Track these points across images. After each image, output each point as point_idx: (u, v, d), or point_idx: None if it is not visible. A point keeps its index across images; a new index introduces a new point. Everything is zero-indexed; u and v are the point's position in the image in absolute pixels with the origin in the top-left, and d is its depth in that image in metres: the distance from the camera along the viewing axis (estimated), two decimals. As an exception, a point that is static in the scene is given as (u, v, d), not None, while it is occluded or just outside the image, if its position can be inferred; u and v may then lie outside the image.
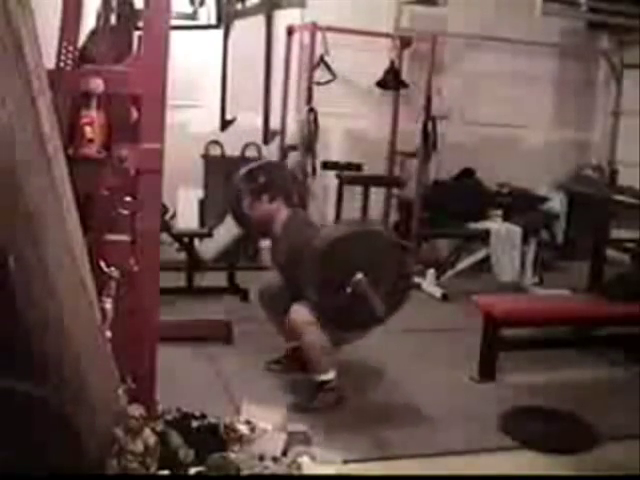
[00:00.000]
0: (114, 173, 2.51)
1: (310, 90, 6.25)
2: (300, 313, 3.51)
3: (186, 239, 5.27)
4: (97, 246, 2.46)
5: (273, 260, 3.95)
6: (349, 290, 3.39)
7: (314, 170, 6.31)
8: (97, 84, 2.45)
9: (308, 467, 2.79)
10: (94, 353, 2.25)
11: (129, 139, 2.55)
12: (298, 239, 3.64)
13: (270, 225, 3.81)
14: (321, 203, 6.75)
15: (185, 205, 6.43)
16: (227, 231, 5.42)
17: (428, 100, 6.52)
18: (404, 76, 6.70)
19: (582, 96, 7.85)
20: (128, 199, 2.55)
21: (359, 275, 3.38)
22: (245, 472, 2.63)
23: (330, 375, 3.59)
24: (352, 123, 6.95)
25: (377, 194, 6.90)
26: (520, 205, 6.78)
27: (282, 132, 6.66)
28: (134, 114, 2.60)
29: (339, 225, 3.61)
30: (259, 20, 6.38)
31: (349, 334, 3.68)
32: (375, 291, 3.37)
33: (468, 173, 7.18)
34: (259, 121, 6.60)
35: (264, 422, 2.93)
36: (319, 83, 6.32)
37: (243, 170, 3.94)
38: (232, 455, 2.71)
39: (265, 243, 3.88)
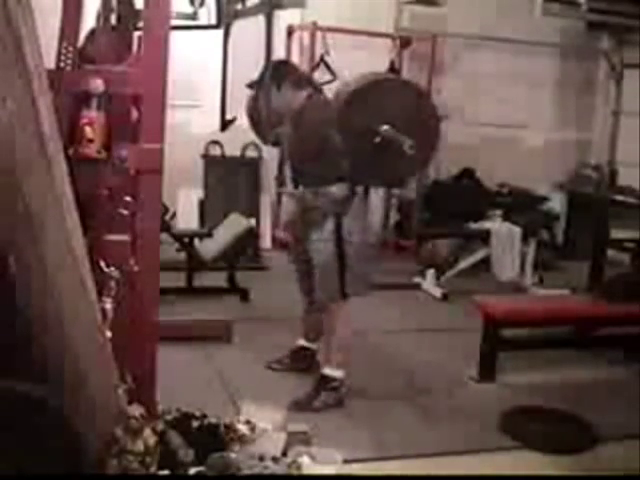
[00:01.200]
0: (114, 173, 2.51)
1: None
2: (346, 306, 3.59)
3: (186, 239, 5.27)
4: (97, 246, 2.45)
5: (285, 146, 3.87)
6: (378, 140, 3.36)
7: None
8: (97, 84, 2.44)
9: (308, 467, 2.79)
10: (94, 353, 2.25)
11: (129, 139, 2.55)
12: (318, 119, 3.59)
13: (290, 109, 3.72)
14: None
15: (185, 205, 6.44)
16: (227, 231, 5.43)
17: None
18: (404, 76, 6.70)
19: (582, 96, 7.86)
20: (128, 199, 2.55)
21: (385, 126, 3.35)
22: (245, 472, 2.63)
23: (337, 373, 3.60)
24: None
25: (377, 194, 6.89)
26: (520, 205, 6.79)
27: (282, 132, 6.66)
28: (134, 114, 2.60)
29: (362, 76, 3.55)
30: (259, 20, 6.38)
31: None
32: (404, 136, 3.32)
33: (468, 173, 7.19)
34: (259, 121, 6.60)
35: (264, 422, 2.93)
36: (320, 83, 6.31)
37: (265, 66, 3.96)
38: (232, 455, 2.71)
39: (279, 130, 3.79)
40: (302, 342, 3.99)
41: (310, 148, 3.60)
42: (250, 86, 3.84)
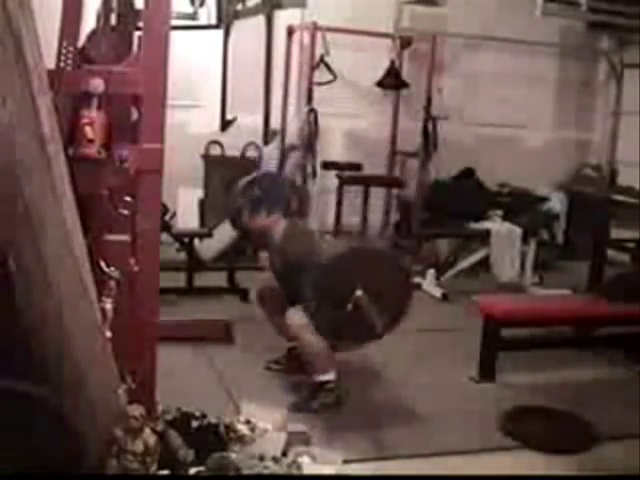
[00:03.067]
0: (114, 173, 2.51)
1: (310, 90, 6.25)
2: (296, 317, 3.52)
3: (186, 239, 5.27)
4: (97, 246, 2.45)
5: (272, 270, 3.96)
6: (350, 307, 3.41)
7: (314, 170, 6.32)
8: (97, 84, 2.45)
9: (308, 467, 2.79)
10: (94, 353, 2.25)
11: (129, 139, 2.55)
12: (296, 252, 3.66)
13: (268, 237, 3.82)
14: (321, 206, 6.75)
15: (185, 205, 6.44)
16: (227, 231, 5.42)
17: (428, 100, 6.53)
18: (404, 76, 6.70)
19: (582, 96, 7.86)
20: (128, 199, 2.55)
21: (359, 292, 3.40)
22: (245, 472, 2.63)
23: (330, 376, 3.59)
24: (352, 123, 6.95)
25: (377, 194, 6.90)
26: (520, 205, 6.78)
27: (282, 132, 6.66)
28: (134, 114, 2.60)
29: (338, 242, 3.64)
30: (259, 20, 6.39)
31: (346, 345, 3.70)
32: (375, 307, 3.38)
33: (468, 173, 7.19)
34: (259, 121, 6.61)
35: (264, 422, 2.93)
36: (319, 83, 6.32)
37: (240, 183, 3.95)
38: (232, 455, 2.71)
39: (264, 254, 3.87)
40: (290, 344, 3.99)
41: (290, 275, 3.65)
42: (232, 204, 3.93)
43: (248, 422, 2.89)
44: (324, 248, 3.72)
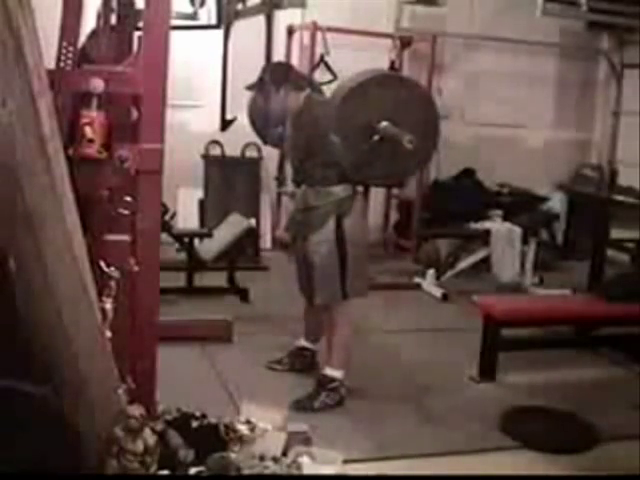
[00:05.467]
0: (114, 173, 2.51)
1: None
2: (348, 308, 3.59)
3: (186, 239, 5.27)
4: (97, 246, 2.45)
5: (292, 153, 3.88)
6: (377, 137, 3.36)
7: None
8: (97, 84, 2.44)
9: (308, 467, 2.79)
10: (94, 353, 2.25)
11: (129, 139, 2.55)
12: (320, 107, 3.61)
13: (290, 109, 3.73)
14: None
15: (185, 205, 6.44)
16: (227, 231, 5.42)
17: (428, 100, 6.51)
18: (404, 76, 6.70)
19: (582, 96, 7.86)
20: (128, 199, 2.55)
21: (384, 123, 3.35)
22: (245, 472, 2.63)
23: (337, 373, 3.60)
24: (352, 123, 6.94)
25: (377, 194, 6.90)
26: (520, 205, 6.78)
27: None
28: (134, 114, 2.60)
29: (360, 73, 3.56)
30: (259, 20, 6.38)
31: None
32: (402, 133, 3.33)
33: (468, 173, 7.19)
34: (259, 121, 6.61)
35: (264, 422, 2.93)
36: (320, 83, 6.31)
37: (265, 67, 3.94)
38: (232, 455, 2.71)
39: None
40: (302, 342, 3.99)
41: (311, 148, 3.60)
42: (250, 88, 3.85)
43: (248, 422, 2.89)
44: (341, 85, 3.62)
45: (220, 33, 6.03)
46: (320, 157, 3.54)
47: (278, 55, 6.56)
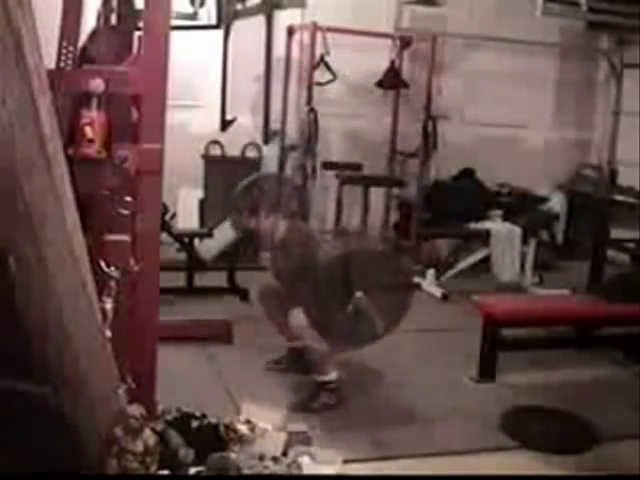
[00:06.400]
0: (114, 173, 2.51)
1: (310, 90, 6.25)
2: (299, 318, 3.53)
3: (186, 239, 5.27)
4: (97, 246, 2.45)
5: (273, 272, 3.96)
6: (350, 308, 3.42)
7: (314, 170, 6.31)
8: (97, 84, 2.44)
9: (308, 467, 2.79)
10: (94, 353, 2.25)
11: (129, 139, 2.54)
12: (297, 254, 3.67)
13: (269, 238, 3.83)
14: (321, 206, 6.74)
15: (185, 205, 6.43)
16: (227, 231, 5.42)
17: (428, 100, 6.52)
18: (404, 76, 6.70)
19: (582, 96, 7.85)
20: (128, 199, 2.55)
21: (359, 294, 3.41)
22: (245, 472, 2.63)
23: (331, 376, 3.60)
24: (352, 123, 6.95)
25: (377, 194, 6.90)
26: (520, 205, 6.78)
27: (282, 132, 6.66)
28: (134, 114, 2.60)
29: (338, 242, 3.65)
30: (259, 20, 6.38)
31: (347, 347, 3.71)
32: (375, 308, 3.40)
33: (468, 173, 7.18)
34: (259, 121, 6.61)
35: (264, 422, 2.93)
36: (319, 83, 6.32)
37: (240, 186, 3.94)
38: (232, 455, 2.71)
39: (266, 254, 3.88)
40: (291, 344, 3.99)
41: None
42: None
43: (248, 422, 2.89)
44: (324, 249, 3.72)
45: (220, 33, 6.03)
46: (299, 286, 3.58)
47: (278, 55, 6.56)
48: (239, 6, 6.12)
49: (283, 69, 6.62)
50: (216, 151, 6.54)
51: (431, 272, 5.88)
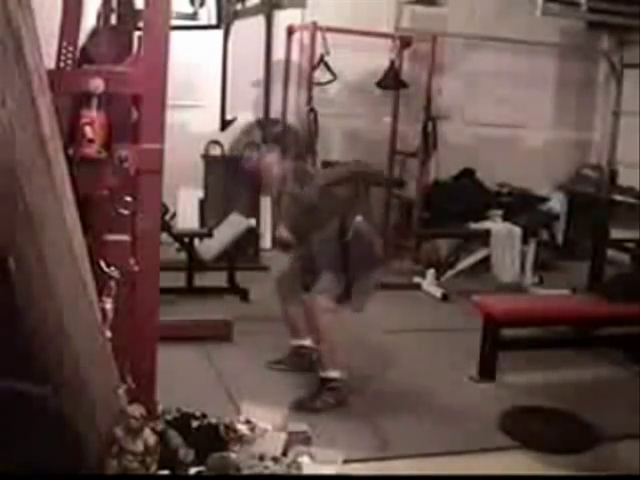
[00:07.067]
0: (114, 173, 2.51)
1: (310, 90, 6.25)
2: (323, 301, 3.55)
3: (186, 239, 5.27)
4: (97, 246, 2.45)
5: (279, 212, 3.96)
6: (350, 235, 3.42)
7: (314, 170, 6.32)
8: (97, 84, 2.44)
9: (308, 467, 2.79)
10: (94, 353, 2.25)
11: (129, 139, 2.55)
12: (300, 188, 3.69)
13: (274, 177, 3.84)
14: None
15: (185, 205, 6.44)
16: (227, 231, 5.42)
17: (428, 100, 6.52)
18: (404, 76, 6.70)
19: (582, 96, 7.86)
20: (128, 199, 2.55)
21: (358, 218, 3.41)
22: (245, 472, 2.63)
23: (337, 374, 3.60)
24: (352, 123, 6.95)
25: (377, 194, 6.89)
26: (520, 205, 6.78)
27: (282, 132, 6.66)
28: (134, 114, 2.60)
29: (330, 170, 3.70)
30: (259, 20, 6.38)
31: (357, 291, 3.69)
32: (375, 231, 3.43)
33: (468, 173, 7.19)
34: (259, 121, 6.61)
35: (264, 422, 2.93)
36: (319, 83, 6.32)
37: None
38: (232, 455, 2.71)
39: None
40: (298, 341, 3.99)
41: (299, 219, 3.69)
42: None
43: (248, 422, 2.89)
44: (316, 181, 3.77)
45: (220, 33, 6.03)
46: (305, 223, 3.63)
47: (278, 55, 6.56)
48: (239, 6, 6.11)
49: (283, 69, 6.62)
50: (216, 151, 6.54)
51: (431, 272, 5.88)
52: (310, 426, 3.09)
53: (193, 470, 2.61)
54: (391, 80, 6.61)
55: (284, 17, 6.49)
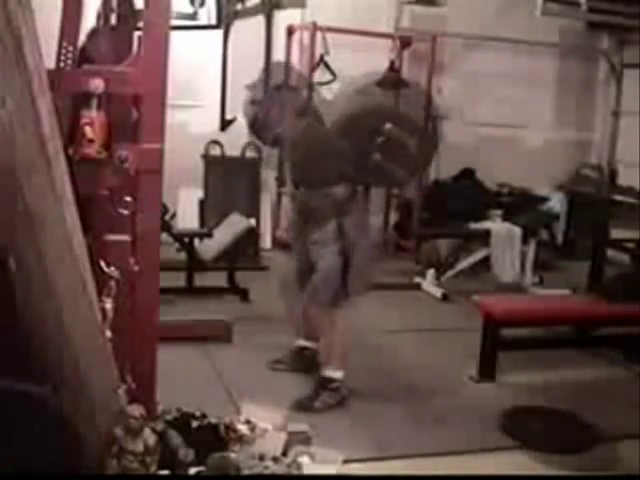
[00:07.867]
0: (114, 173, 2.51)
1: (310, 90, 6.25)
2: (320, 302, 3.57)
3: (186, 239, 5.27)
4: (97, 246, 2.45)
5: (292, 143, 3.93)
6: (382, 139, 3.44)
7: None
8: (97, 84, 2.44)
9: (308, 467, 2.79)
10: (94, 353, 2.25)
11: (129, 139, 2.55)
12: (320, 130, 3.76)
13: (290, 111, 3.84)
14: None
15: (185, 205, 6.44)
16: (227, 231, 5.42)
17: (428, 100, 6.52)
18: (404, 76, 6.70)
19: (582, 96, 7.86)
20: (128, 199, 2.55)
21: (388, 125, 3.44)
22: (245, 472, 2.63)
23: (337, 374, 3.60)
24: (352, 123, 6.94)
25: (377, 194, 6.90)
26: (520, 205, 6.78)
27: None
28: (134, 114, 2.60)
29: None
30: (259, 20, 6.38)
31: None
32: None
33: (468, 173, 7.19)
34: (259, 121, 6.61)
35: (264, 422, 2.93)
36: (319, 83, 6.32)
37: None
38: (232, 455, 2.71)
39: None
40: (302, 342, 3.99)
41: (312, 151, 3.62)
42: (249, 87, 3.93)
43: (248, 422, 2.89)
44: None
45: (220, 33, 6.03)
46: (321, 159, 3.56)
47: (278, 55, 6.56)
48: (239, 6, 6.11)
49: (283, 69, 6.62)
50: (216, 151, 6.54)
51: (431, 272, 5.88)
52: (310, 426, 3.08)
53: (193, 470, 2.61)
54: (391, 80, 6.60)
55: (284, 17, 6.49)
